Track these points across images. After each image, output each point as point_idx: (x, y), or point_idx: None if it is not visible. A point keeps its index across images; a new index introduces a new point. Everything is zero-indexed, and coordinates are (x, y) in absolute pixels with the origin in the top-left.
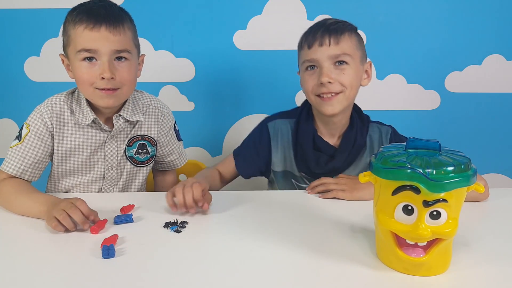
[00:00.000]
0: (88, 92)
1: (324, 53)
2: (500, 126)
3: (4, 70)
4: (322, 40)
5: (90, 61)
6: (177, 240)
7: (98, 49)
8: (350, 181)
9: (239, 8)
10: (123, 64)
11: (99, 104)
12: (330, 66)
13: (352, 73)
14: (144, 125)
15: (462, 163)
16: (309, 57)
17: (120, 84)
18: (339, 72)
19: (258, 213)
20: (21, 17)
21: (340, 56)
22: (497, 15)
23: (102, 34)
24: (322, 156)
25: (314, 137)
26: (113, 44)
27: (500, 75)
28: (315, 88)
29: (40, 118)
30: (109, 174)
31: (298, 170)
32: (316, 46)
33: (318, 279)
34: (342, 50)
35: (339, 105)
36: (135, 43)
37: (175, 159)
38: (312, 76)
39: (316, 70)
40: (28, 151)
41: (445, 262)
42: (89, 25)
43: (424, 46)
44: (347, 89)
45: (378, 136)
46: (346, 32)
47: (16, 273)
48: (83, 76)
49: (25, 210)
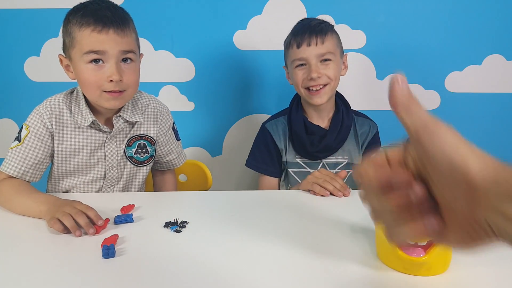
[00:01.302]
0: (95, 95)
1: (312, 52)
2: (500, 126)
3: (4, 70)
4: (310, 41)
5: (96, 63)
6: (177, 240)
7: (107, 51)
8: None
9: (239, 8)
10: (129, 66)
11: (104, 106)
12: (317, 63)
13: (335, 67)
14: (144, 125)
15: None
16: (299, 56)
17: (127, 86)
18: (325, 67)
19: (258, 213)
20: (21, 17)
21: (325, 55)
22: (497, 15)
23: (111, 37)
24: (315, 137)
25: (306, 123)
26: (121, 45)
27: (500, 75)
28: (305, 81)
29: (40, 119)
30: (110, 174)
31: (296, 156)
32: (305, 46)
33: (318, 279)
34: (327, 49)
35: (326, 95)
36: (137, 43)
37: (174, 158)
38: (301, 72)
39: (305, 67)
40: (28, 152)
41: (445, 262)
42: (97, 28)
43: (424, 46)
44: (333, 81)
45: (368, 129)
46: (329, 32)
47: (16, 273)
48: (90, 79)
49: (25, 209)
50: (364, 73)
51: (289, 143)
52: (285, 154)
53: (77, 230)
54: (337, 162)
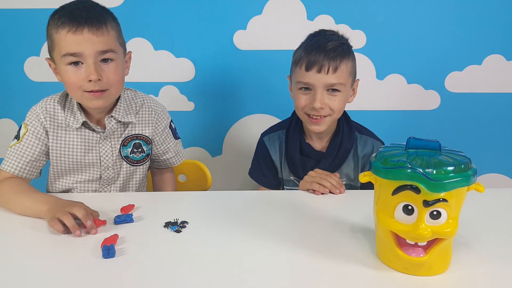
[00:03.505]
0: (77, 95)
1: (320, 80)
2: (500, 126)
3: (4, 70)
4: (321, 67)
5: (76, 65)
6: (177, 240)
7: (83, 52)
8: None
9: (239, 8)
10: (109, 65)
11: (88, 105)
12: (323, 92)
13: (342, 99)
14: (138, 125)
15: (462, 163)
16: (305, 79)
17: (108, 85)
18: (331, 98)
19: (258, 213)
20: (21, 17)
21: (335, 85)
22: (497, 15)
23: (85, 37)
24: (309, 161)
25: (302, 144)
26: (97, 45)
27: (500, 75)
28: (307, 108)
29: (36, 118)
30: (106, 174)
31: (290, 174)
32: (314, 71)
33: (318, 279)
34: (338, 79)
35: (325, 125)
36: (119, 42)
37: (171, 157)
38: (305, 97)
39: (309, 92)
40: (25, 149)
41: (445, 262)
42: (72, 29)
43: (424, 46)
44: (335, 113)
45: (371, 150)
46: (345, 59)
47: (16, 273)
48: (70, 80)
49: (25, 209)
50: (364, 73)
51: (285, 161)
52: (280, 171)
53: (77, 230)
54: None
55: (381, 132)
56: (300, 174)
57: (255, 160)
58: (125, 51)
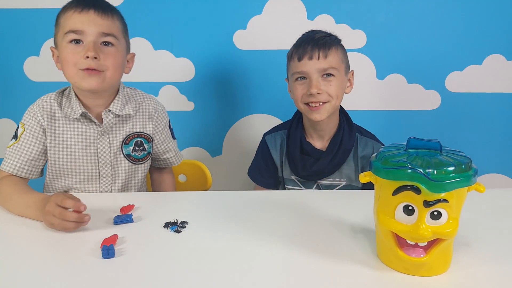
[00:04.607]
0: (72, 73)
1: (313, 67)
2: (500, 126)
3: (4, 70)
4: (312, 54)
5: (77, 43)
6: (177, 240)
7: (85, 30)
8: None
9: (239, 8)
10: (109, 48)
11: (82, 86)
12: (318, 78)
13: (337, 84)
14: (139, 122)
15: (462, 163)
16: (299, 69)
17: (104, 67)
18: (326, 83)
19: (258, 213)
20: (21, 17)
21: (328, 70)
22: (497, 15)
23: (90, 17)
24: (309, 159)
25: (302, 142)
26: (101, 27)
27: (500, 75)
28: (305, 97)
29: (34, 117)
30: (104, 171)
31: (291, 173)
32: (306, 59)
33: (318, 279)
34: (330, 64)
35: (325, 112)
36: (124, 35)
37: (171, 156)
38: (301, 86)
39: (305, 81)
40: (24, 149)
41: (446, 262)
42: (78, 9)
43: (424, 46)
44: (333, 99)
45: (371, 152)
46: (333, 47)
47: (16, 273)
48: (67, 57)
49: (19, 212)
50: (364, 73)
51: (285, 159)
52: (281, 170)
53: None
54: (333, 184)
55: (381, 132)
56: (300, 173)
57: (255, 159)
58: (128, 48)
